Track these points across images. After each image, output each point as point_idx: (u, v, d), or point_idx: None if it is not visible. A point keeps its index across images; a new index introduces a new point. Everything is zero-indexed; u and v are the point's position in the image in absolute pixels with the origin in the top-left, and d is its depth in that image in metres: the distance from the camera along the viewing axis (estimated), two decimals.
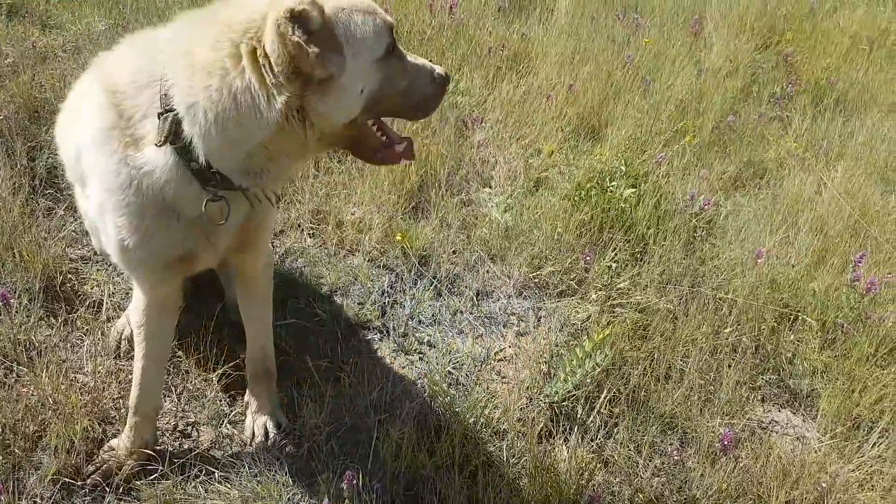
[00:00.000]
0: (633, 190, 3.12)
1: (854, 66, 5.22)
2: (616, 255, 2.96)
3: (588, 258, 2.91)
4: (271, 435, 2.12)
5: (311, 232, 3.01)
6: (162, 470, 1.93)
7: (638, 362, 2.54)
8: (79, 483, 1.90)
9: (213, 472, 1.98)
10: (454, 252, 3.01)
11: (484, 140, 3.62)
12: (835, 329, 2.83)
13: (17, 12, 4.01)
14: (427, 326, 2.67)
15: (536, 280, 2.90)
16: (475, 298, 2.82)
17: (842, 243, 3.28)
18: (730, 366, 2.62)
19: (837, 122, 4.51)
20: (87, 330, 2.31)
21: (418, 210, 3.19)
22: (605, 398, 2.35)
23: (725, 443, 2.25)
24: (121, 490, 1.92)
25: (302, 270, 2.79)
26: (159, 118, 1.45)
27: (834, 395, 2.57)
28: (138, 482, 1.93)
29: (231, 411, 2.24)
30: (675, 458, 2.26)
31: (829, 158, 4.13)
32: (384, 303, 2.72)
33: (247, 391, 2.21)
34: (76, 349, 2.25)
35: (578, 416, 2.34)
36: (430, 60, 1.77)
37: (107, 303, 2.40)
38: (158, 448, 2.03)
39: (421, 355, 2.55)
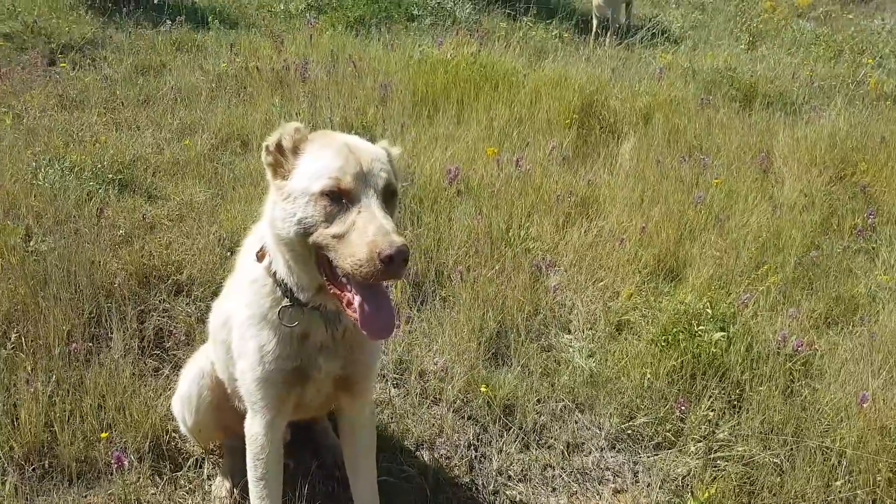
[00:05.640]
0: (723, 333, 3.05)
1: None
2: (712, 403, 2.86)
3: (683, 407, 2.82)
4: None
5: (395, 382, 3.06)
6: None
7: None
8: None
9: None
10: (538, 401, 2.97)
11: (559, 284, 3.67)
12: None
13: (127, 186, 4.37)
14: (517, 482, 2.60)
15: (629, 432, 2.81)
16: (565, 451, 2.74)
17: None
18: None
19: None
20: (189, 489, 2.37)
21: (498, 356, 3.20)
22: None
23: None
24: None
25: (388, 423, 2.81)
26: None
27: None
28: None
29: None
30: None
31: None
32: (471, 457, 2.68)
33: None
34: None
35: None
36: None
37: (208, 461, 2.47)
38: None
39: None
